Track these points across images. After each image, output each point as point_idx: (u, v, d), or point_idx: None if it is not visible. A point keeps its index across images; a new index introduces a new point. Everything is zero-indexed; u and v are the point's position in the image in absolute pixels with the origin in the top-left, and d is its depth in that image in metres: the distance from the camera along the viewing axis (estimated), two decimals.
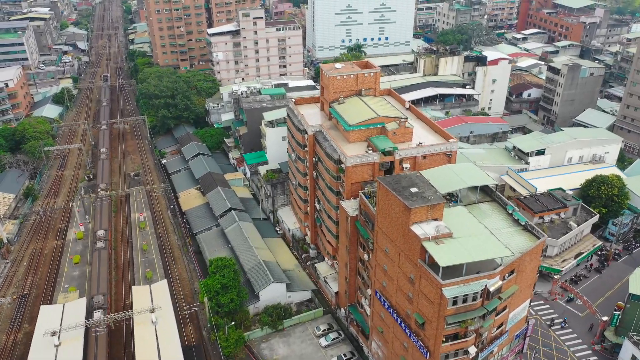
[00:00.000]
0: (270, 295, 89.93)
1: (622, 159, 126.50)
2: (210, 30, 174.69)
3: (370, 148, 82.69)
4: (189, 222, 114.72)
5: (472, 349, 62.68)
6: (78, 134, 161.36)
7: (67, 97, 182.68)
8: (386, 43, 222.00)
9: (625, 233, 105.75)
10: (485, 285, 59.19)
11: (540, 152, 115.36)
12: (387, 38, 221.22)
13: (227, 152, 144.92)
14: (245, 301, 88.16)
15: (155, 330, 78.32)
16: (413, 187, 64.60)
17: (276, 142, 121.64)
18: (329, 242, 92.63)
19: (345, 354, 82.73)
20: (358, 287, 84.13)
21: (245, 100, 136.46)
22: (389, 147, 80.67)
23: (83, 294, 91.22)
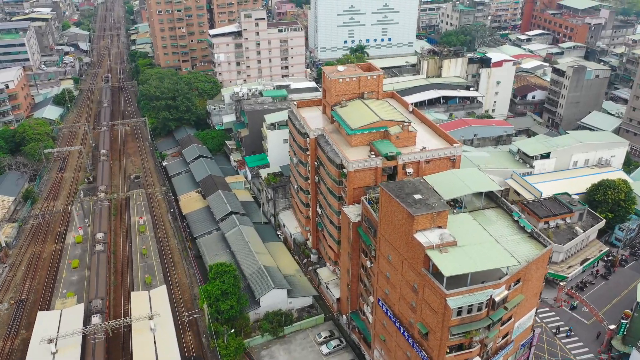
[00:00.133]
0: (271, 301, 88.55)
1: (628, 163, 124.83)
2: (211, 31, 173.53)
3: (372, 152, 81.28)
4: (189, 225, 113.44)
5: None
6: (78, 135, 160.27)
7: (68, 99, 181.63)
8: (389, 44, 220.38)
9: (632, 238, 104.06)
10: (491, 295, 57.73)
11: (546, 156, 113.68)
12: (390, 39, 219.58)
13: (229, 154, 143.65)
14: (246, 307, 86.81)
15: (153, 337, 77.08)
16: (417, 194, 63.16)
17: (278, 145, 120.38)
18: (331, 248, 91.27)
19: None
20: (360, 294, 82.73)
21: (246, 102, 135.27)
22: (392, 151, 79.23)
23: (81, 299, 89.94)
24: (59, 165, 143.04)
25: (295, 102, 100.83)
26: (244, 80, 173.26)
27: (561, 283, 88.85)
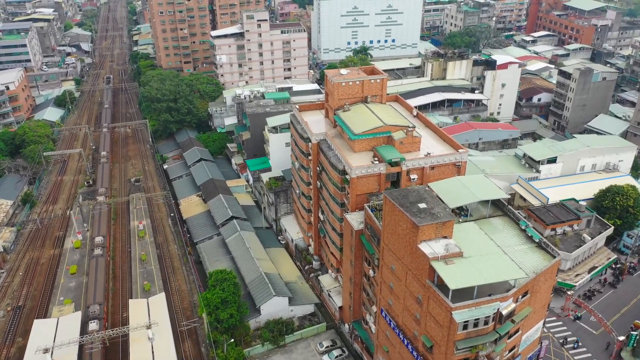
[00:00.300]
0: (272, 309, 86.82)
1: (636, 167, 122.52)
2: (213, 33, 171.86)
3: (376, 158, 79.45)
4: (189, 230, 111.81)
5: None
6: (79, 137, 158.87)
7: (69, 100, 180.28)
8: (393, 45, 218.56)
9: None
10: (498, 309, 55.87)
11: (552, 160, 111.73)
12: (393, 40, 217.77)
13: (230, 157, 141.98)
14: (246, 315, 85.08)
15: (151, 347, 75.45)
16: (421, 203, 61.32)
17: (280, 148, 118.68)
18: (333, 254, 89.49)
19: None
20: (363, 303, 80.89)
21: (248, 104, 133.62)
22: (396, 157, 77.37)
23: (79, 306, 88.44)
24: (59, 168, 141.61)
25: (297, 106, 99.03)
26: (246, 82, 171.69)
27: (569, 292, 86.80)
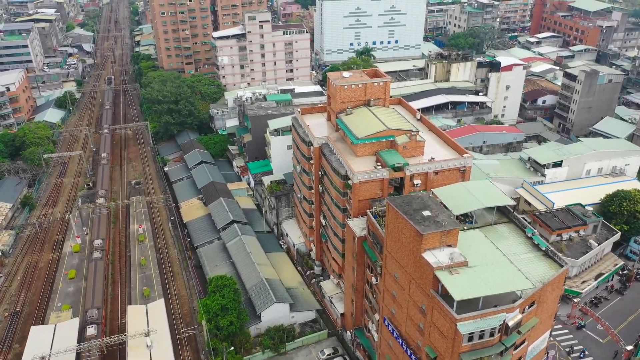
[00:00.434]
0: (273, 315, 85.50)
1: None
2: (215, 34, 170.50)
3: (379, 163, 78.02)
4: (189, 234, 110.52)
5: None
6: (80, 139, 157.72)
7: (70, 101, 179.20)
8: (396, 46, 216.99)
9: None
10: (504, 320, 54.31)
11: (557, 164, 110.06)
12: (396, 41, 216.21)
13: (231, 160, 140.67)
14: (246, 322, 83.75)
15: (150, 355, 74.12)
16: (425, 210, 59.82)
17: (281, 151, 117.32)
18: (335, 260, 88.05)
19: None
20: (365, 311, 79.45)
21: (250, 106, 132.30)
22: (399, 162, 75.95)
23: (77, 312, 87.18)
24: (59, 170, 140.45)
25: (299, 109, 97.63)
26: (248, 83, 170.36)
27: (575, 299, 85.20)
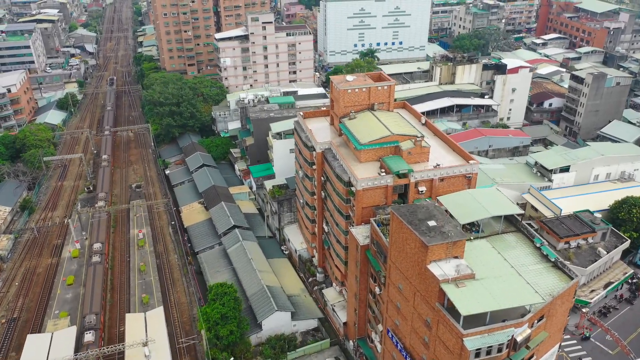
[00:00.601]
0: (274, 324, 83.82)
1: None
2: (217, 35, 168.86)
3: (383, 169, 76.12)
4: (190, 239, 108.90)
5: None
6: (81, 141, 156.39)
7: (72, 103, 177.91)
8: (400, 48, 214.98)
9: None
10: (512, 335, 52.44)
11: (565, 169, 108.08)
12: (401, 43, 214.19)
13: (233, 163, 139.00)
14: (247, 331, 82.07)
15: None
16: (431, 220, 58.00)
17: (284, 155, 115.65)
18: (338, 268, 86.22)
19: None
20: (368, 320, 77.59)
21: (252, 109, 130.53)
22: (404, 169, 74.04)
23: (75, 319, 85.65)
24: (60, 172, 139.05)
25: (301, 113, 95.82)
26: (251, 85, 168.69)
27: (584, 309, 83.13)
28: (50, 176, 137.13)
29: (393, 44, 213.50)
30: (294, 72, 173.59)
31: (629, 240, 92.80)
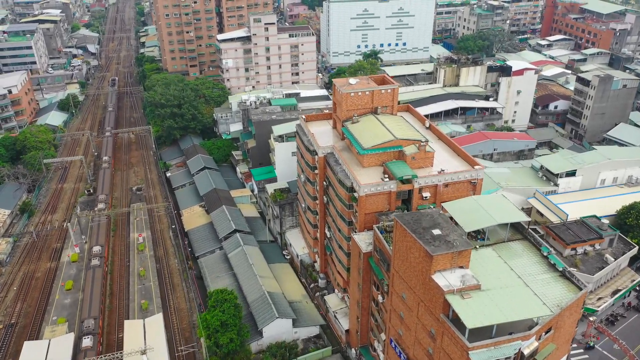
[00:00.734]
0: (275, 331, 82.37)
1: None
2: (220, 36, 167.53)
3: (386, 175, 74.64)
4: (191, 243, 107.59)
5: None
6: (81, 143, 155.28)
7: (73, 104, 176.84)
8: (404, 49, 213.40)
9: None
10: (519, 348, 50.93)
11: (571, 174, 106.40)
12: (404, 44, 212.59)
13: (235, 165, 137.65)
14: (247, 339, 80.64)
15: None
16: (435, 229, 56.53)
17: (286, 158, 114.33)
18: (340, 274, 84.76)
19: None
20: (371, 329, 76.13)
21: (254, 111, 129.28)
22: (408, 174, 72.50)
23: (73, 325, 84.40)
24: (60, 175, 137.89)
25: (303, 116, 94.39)
26: (253, 86, 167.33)
27: (591, 318, 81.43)
28: (50, 178, 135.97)
29: (397, 45, 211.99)
30: (297, 74, 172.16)
31: (637, 247, 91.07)
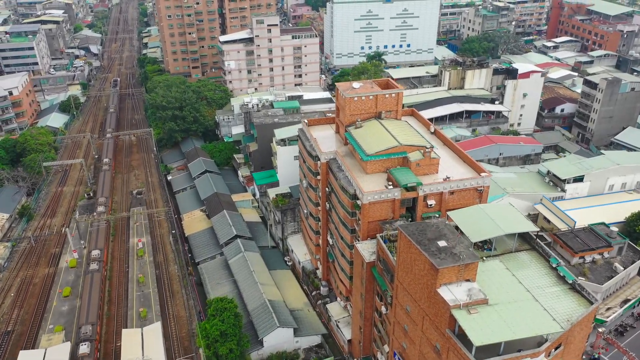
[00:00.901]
0: (276, 341, 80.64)
1: None
2: (222, 38, 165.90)
3: (390, 182, 72.77)
4: (191, 249, 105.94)
5: None
6: (82, 145, 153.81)
7: (74, 106, 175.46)
8: (408, 50, 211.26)
9: None
10: None
11: (579, 179, 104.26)
12: (409, 45, 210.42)
13: (237, 168, 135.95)
14: (247, 348, 78.88)
15: None
16: (441, 240, 54.68)
17: (288, 162, 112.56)
18: (342, 282, 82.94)
19: None
20: (374, 339, 74.30)
21: (256, 114, 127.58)
22: (412, 182, 70.65)
23: (70, 333, 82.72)
24: (60, 177, 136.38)
25: (306, 121, 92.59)
26: (255, 88, 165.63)
27: (600, 329, 79.24)
28: (50, 181, 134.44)
29: (401, 46, 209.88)
30: (300, 76, 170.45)
31: None
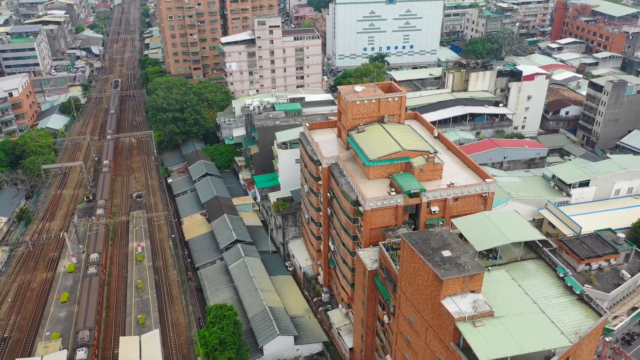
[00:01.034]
0: (276, 349, 79.31)
1: None
2: (223, 39, 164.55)
3: (393, 188, 71.27)
4: (191, 254, 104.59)
5: None
6: (82, 147, 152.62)
7: (75, 107, 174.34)
8: (411, 52, 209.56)
9: None
10: None
11: (584, 184, 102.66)
12: (412, 46, 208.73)
13: (238, 171, 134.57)
14: (247, 357, 77.47)
15: None
16: (445, 250, 53.15)
17: (289, 166, 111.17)
18: (344, 289, 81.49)
19: None
20: (376, 349, 72.76)
21: (257, 116, 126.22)
22: (416, 188, 69.13)
23: (67, 341, 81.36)
24: (60, 180, 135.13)
25: (307, 124, 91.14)
26: (257, 90, 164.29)
27: (607, 338, 77.67)
28: (49, 184, 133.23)
29: (404, 47, 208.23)
30: (302, 77, 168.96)
31: None
